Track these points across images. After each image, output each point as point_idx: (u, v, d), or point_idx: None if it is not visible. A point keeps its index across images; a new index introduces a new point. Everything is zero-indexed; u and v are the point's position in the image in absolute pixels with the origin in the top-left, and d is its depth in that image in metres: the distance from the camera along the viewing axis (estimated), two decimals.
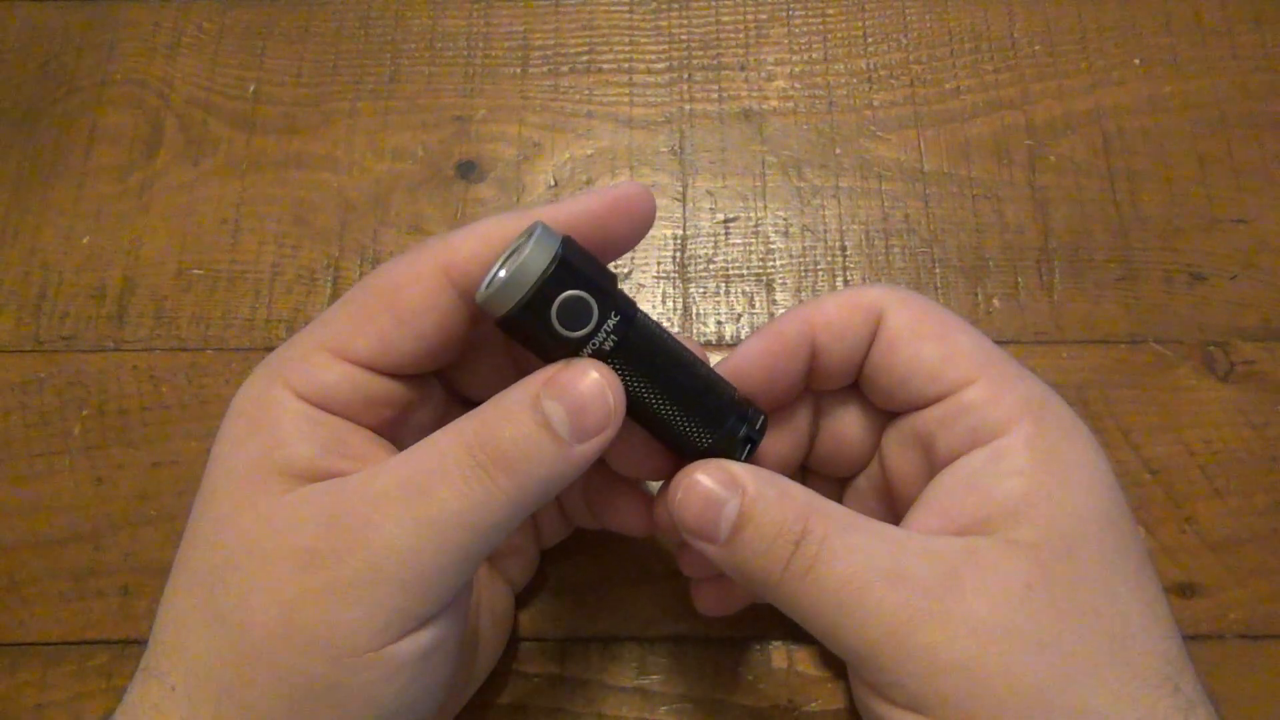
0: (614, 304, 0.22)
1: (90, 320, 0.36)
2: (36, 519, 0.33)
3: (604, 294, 0.22)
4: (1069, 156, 0.38)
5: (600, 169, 0.38)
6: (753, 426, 0.24)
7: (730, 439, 0.24)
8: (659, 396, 0.23)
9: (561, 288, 0.21)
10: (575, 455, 0.21)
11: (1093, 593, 0.21)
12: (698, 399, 0.23)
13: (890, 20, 0.40)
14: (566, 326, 0.21)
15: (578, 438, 0.21)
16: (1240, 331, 0.35)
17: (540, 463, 0.21)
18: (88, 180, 0.38)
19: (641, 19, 0.41)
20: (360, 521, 0.21)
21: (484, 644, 0.29)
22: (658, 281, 0.36)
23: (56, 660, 0.32)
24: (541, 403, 0.21)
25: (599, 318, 0.22)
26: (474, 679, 0.29)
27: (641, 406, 0.23)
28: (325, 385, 0.23)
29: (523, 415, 0.21)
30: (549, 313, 0.21)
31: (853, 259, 0.37)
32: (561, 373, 0.22)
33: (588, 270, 0.22)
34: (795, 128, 0.39)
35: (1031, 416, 0.23)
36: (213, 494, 0.23)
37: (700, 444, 0.24)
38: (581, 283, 0.21)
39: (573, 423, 0.21)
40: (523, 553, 0.30)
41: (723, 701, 0.31)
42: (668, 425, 0.23)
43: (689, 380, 0.23)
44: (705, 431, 0.24)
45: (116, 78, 0.40)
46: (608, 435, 0.22)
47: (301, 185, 0.38)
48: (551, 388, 0.21)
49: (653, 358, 0.23)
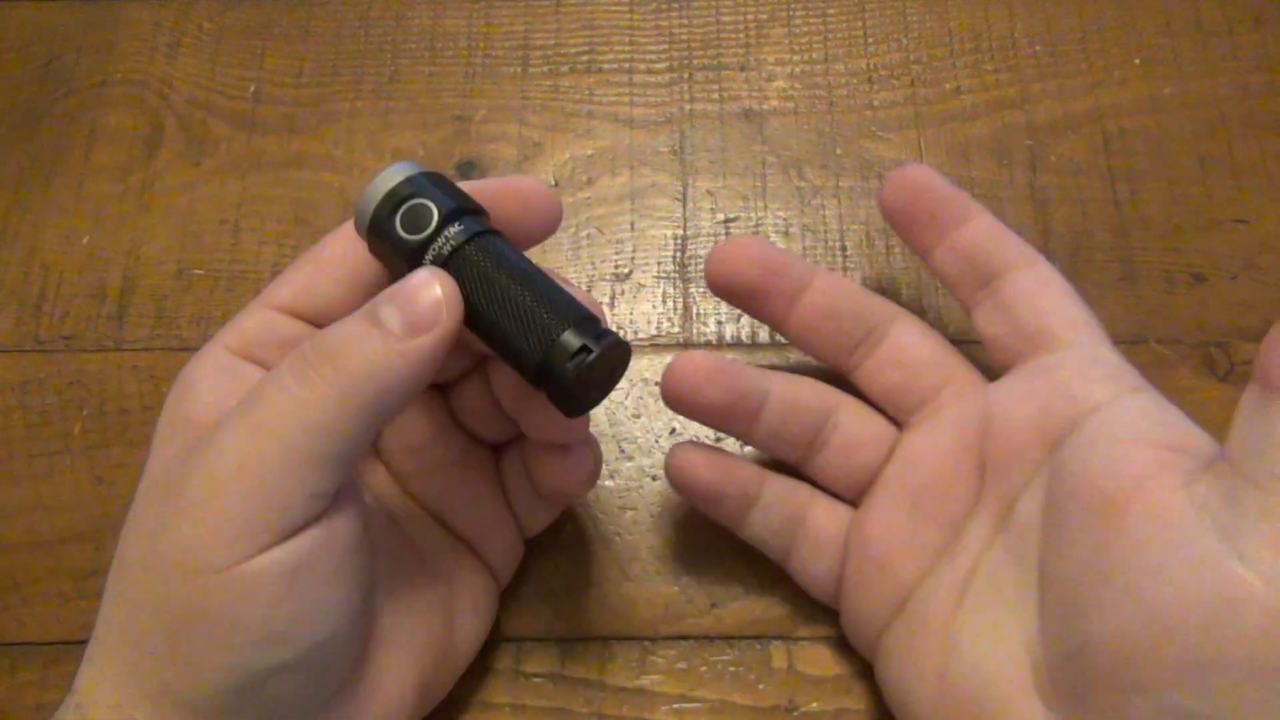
0: (461, 219, 0.23)
1: (90, 320, 0.36)
2: (36, 519, 0.33)
3: (451, 208, 0.23)
4: (1069, 156, 0.38)
5: (600, 169, 0.38)
6: (593, 341, 0.22)
7: (560, 352, 0.22)
8: (495, 305, 0.23)
9: (407, 195, 0.23)
10: (408, 350, 0.21)
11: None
12: (538, 310, 0.23)
13: (890, 20, 0.40)
14: (408, 230, 0.23)
15: (409, 332, 0.22)
16: (1241, 332, 0.35)
17: (367, 354, 0.21)
18: (88, 180, 0.38)
19: (642, 19, 0.41)
20: (205, 443, 0.22)
21: (463, 630, 0.29)
22: (658, 281, 0.36)
23: (56, 660, 0.32)
24: (376, 307, 0.22)
25: (439, 222, 0.23)
26: (451, 662, 0.28)
27: (479, 316, 0.23)
28: (248, 331, 0.25)
29: (354, 318, 0.22)
30: (394, 219, 0.23)
31: (853, 259, 0.37)
32: (397, 284, 0.22)
33: (437, 187, 0.24)
34: (796, 128, 0.39)
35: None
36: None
37: (529, 357, 0.23)
38: (427, 194, 0.23)
39: (401, 316, 0.22)
40: (500, 537, 0.30)
41: (722, 701, 0.31)
42: (499, 333, 0.23)
43: (535, 294, 0.23)
44: (537, 343, 0.22)
45: (117, 78, 0.40)
46: (441, 330, 0.22)
47: (302, 185, 0.38)
48: (384, 294, 0.22)
49: (495, 267, 0.23)
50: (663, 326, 0.36)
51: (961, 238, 0.28)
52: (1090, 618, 0.22)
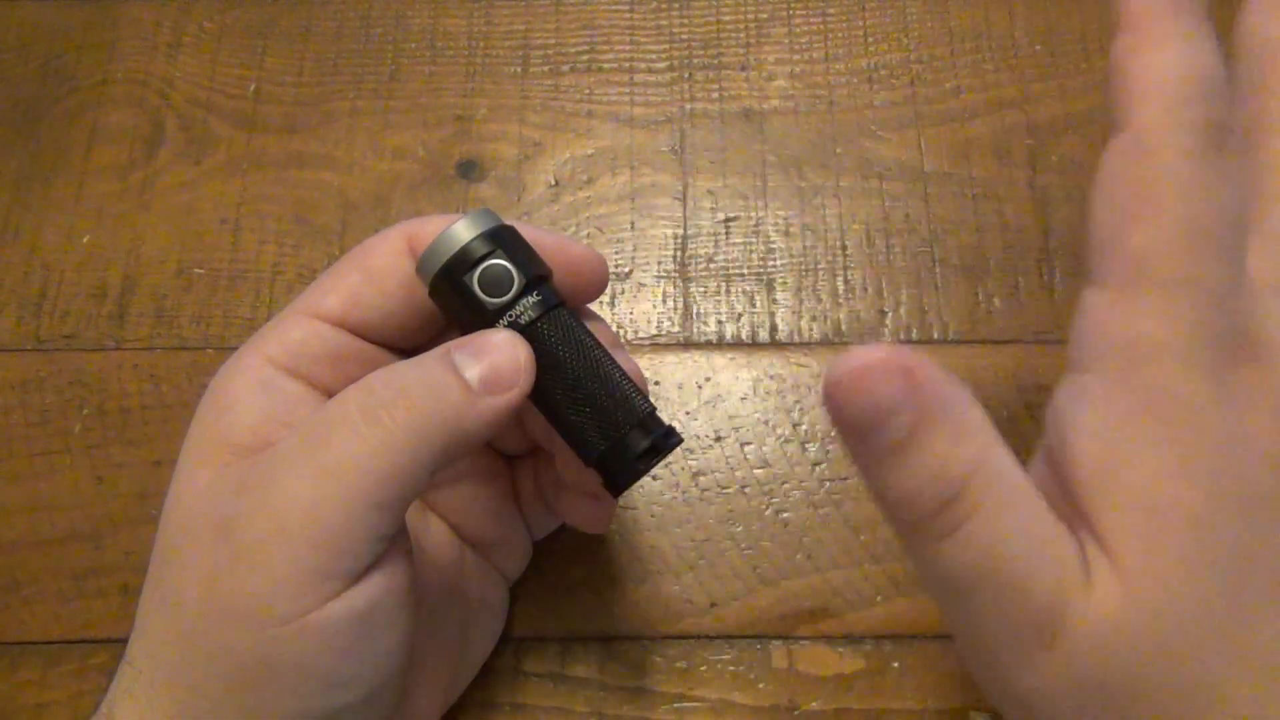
0: (538, 288, 0.23)
1: (90, 319, 0.36)
2: (36, 518, 0.33)
3: (529, 274, 0.23)
4: (1069, 156, 0.38)
5: (601, 168, 0.38)
6: (656, 443, 0.23)
7: (627, 453, 0.23)
8: (565, 387, 0.23)
9: (487, 254, 0.22)
10: (483, 407, 0.21)
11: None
12: (605, 403, 0.23)
13: (891, 20, 0.40)
14: (488, 292, 0.22)
15: (485, 389, 0.21)
16: None
17: (443, 404, 0.21)
18: (88, 179, 0.38)
19: (642, 18, 0.41)
20: (264, 481, 0.21)
21: (476, 634, 0.29)
22: (658, 281, 0.36)
23: (56, 660, 0.32)
24: (451, 354, 0.21)
25: (519, 290, 0.22)
26: (465, 668, 0.29)
27: (546, 394, 0.23)
28: (292, 342, 0.23)
29: (430, 361, 0.22)
30: (472, 275, 0.22)
31: (853, 258, 0.37)
32: (475, 335, 0.22)
33: (516, 249, 0.23)
34: (796, 127, 0.39)
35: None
36: (174, 472, 0.23)
37: (596, 447, 0.23)
38: (507, 255, 0.22)
39: (481, 372, 0.21)
40: (513, 543, 0.30)
41: (723, 701, 0.31)
42: (566, 419, 0.23)
43: (602, 382, 0.23)
44: (603, 437, 0.23)
45: (117, 77, 0.40)
46: (516, 393, 0.22)
47: (302, 185, 0.38)
48: (463, 345, 0.22)
49: (566, 347, 0.23)
50: (663, 326, 0.36)
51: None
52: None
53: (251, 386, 0.23)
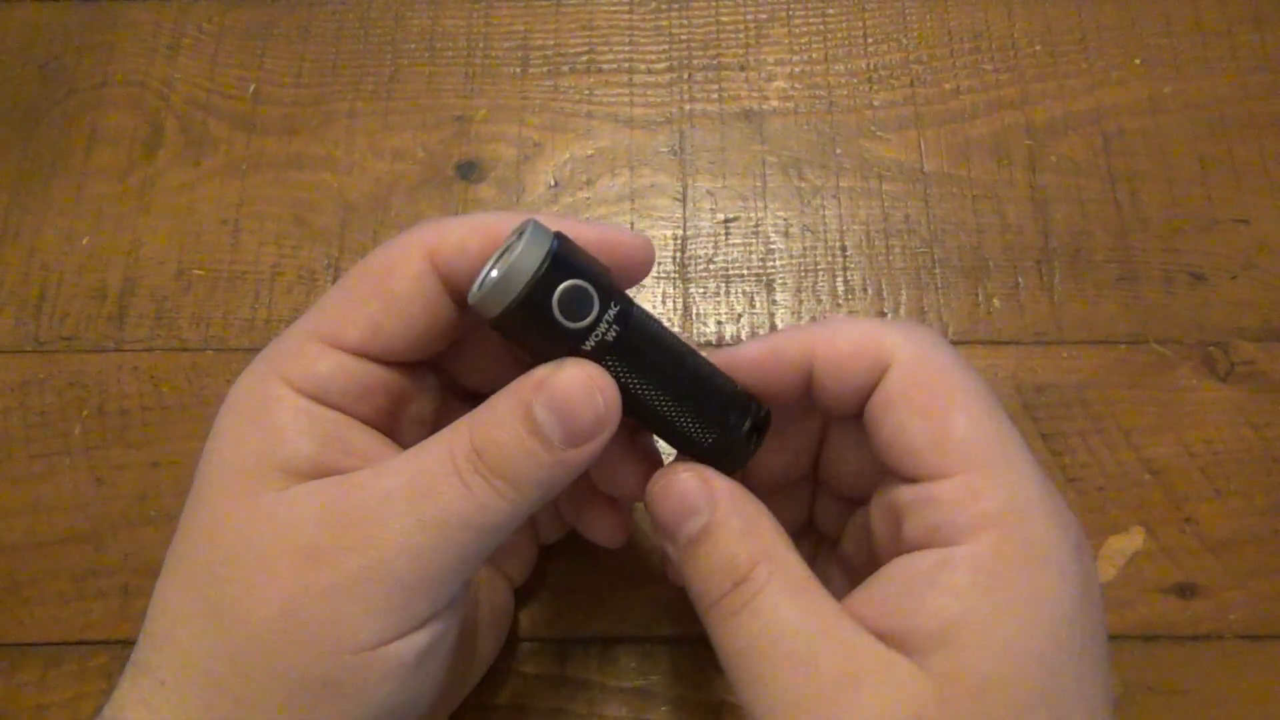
0: (612, 295, 0.22)
1: (90, 320, 0.36)
2: (36, 519, 0.33)
3: (602, 284, 0.21)
4: (1069, 156, 0.38)
5: (600, 169, 0.38)
6: (757, 420, 0.24)
7: (734, 436, 0.23)
8: (661, 392, 0.23)
9: (561, 278, 0.21)
10: (569, 460, 0.22)
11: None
12: (700, 394, 0.23)
13: (890, 20, 0.40)
14: (569, 317, 0.21)
15: (569, 442, 0.21)
16: (1240, 331, 0.35)
17: (535, 468, 0.21)
18: (88, 180, 0.38)
19: (641, 19, 0.41)
20: (366, 519, 0.21)
21: (483, 640, 0.29)
22: (658, 281, 0.36)
23: (56, 660, 0.32)
24: (533, 409, 0.21)
25: (600, 307, 0.21)
26: (472, 674, 0.29)
27: (642, 404, 0.23)
28: (319, 376, 0.23)
29: (514, 422, 0.22)
30: (549, 305, 0.21)
31: (853, 259, 0.37)
32: (552, 376, 0.21)
33: (584, 261, 0.22)
34: (795, 128, 0.39)
35: (997, 531, 0.21)
36: (209, 490, 0.23)
37: (704, 441, 0.23)
38: (580, 272, 0.21)
39: (564, 429, 0.21)
40: (521, 550, 0.30)
41: (723, 702, 0.31)
42: (670, 422, 0.23)
43: (690, 374, 0.23)
44: (708, 429, 0.23)
45: (116, 78, 0.40)
46: (600, 441, 0.22)
47: (301, 185, 0.38)
48: (542, 393, 0.21)
49: (654, 351, 0.23)
50: None
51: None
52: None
53: (297, 416, 0.23)
